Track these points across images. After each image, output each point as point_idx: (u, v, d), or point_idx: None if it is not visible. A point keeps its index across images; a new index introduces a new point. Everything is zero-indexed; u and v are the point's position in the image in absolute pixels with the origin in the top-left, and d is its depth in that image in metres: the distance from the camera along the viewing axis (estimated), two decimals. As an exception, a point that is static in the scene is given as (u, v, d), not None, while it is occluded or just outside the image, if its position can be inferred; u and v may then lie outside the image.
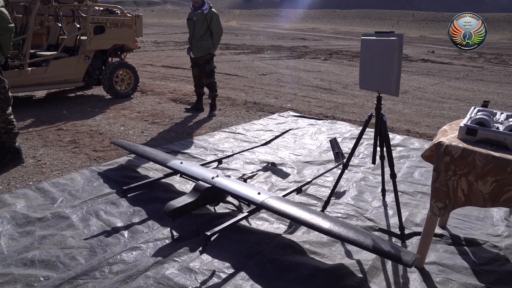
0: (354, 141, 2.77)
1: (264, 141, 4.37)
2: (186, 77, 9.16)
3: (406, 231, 2.66)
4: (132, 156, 3.89)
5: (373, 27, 48.38)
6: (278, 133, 4.53)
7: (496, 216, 2.94)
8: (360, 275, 2.20)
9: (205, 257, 2.33)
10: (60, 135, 4.59)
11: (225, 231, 2.41)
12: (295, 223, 2.62)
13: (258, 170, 3.71)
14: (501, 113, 2.33)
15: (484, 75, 11.82)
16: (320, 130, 5.17)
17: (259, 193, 2.58)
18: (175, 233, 2.56)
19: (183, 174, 3.08)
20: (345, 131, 5.16)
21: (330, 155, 4.09)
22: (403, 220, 2.67)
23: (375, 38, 2.49)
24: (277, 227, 2.71)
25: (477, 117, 2.13)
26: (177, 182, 3.36)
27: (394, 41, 2.32)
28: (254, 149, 4.19)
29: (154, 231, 2.59)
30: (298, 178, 3.57)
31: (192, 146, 4.34)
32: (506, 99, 8.04)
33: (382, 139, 2.68)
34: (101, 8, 7.29)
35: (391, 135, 4.85)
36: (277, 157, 4.09)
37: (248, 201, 2.58)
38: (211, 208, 2.90)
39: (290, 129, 4.84)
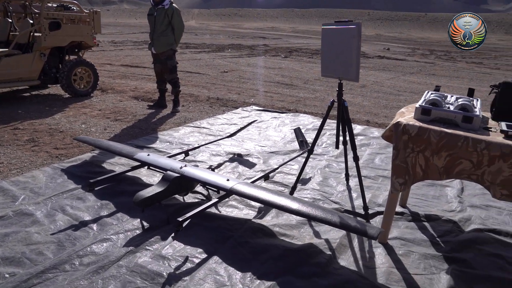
0: (317, 132, 2.87)
1: (229, 134, 4.41)
2: (147, 75, 9.01)
3: (370, 211, 2.79)
4: (96, 152, 3.80)
5: (330, 26, 49.48)
6: (243, 126, 4.58)
7: (450, 194, 3.16)
8: (329, 253, 2.30)
9: (177, 244, 2.35)
10: (16, 134, 4.40)
11: (196, 218, 2.44)
12: (265, 205, 2.69)
13: (225, 161, 3.75)
14: (451, 96, 2.51)
15: (435, 70, 12.47)
16: (283, 122, 5.28)
17: (228, 180, 2.62)
18: (145, 224, 2.56)
19: (150, 165, 3.06)
20: (308, 123, 5.30)
21: (295, 145, 4.20)
22: (366, 201, 2.81)
23: (335, 27, 2.60)
24: (247, 213, 2.77)
25: (430, 98, 2.29)
26: (144, 175, 3.34)
27: (353, 29, 2.44)
28: (220, 141, 4.22)
29: (123, 223, 2.57)
30: (265, 167, 3.64)
31: (157, 141, 4.31)
32: (455, 91, 8.52)
33: (344, 123, 2.80)
34: (55, 4, 7.02)
35: (351, 125, 5.03)
36: (243, 148, 4.15)
37: (218, 188, 2.62)
38: (180, 198, 2.91)
39: (254, 121, 4.90)
